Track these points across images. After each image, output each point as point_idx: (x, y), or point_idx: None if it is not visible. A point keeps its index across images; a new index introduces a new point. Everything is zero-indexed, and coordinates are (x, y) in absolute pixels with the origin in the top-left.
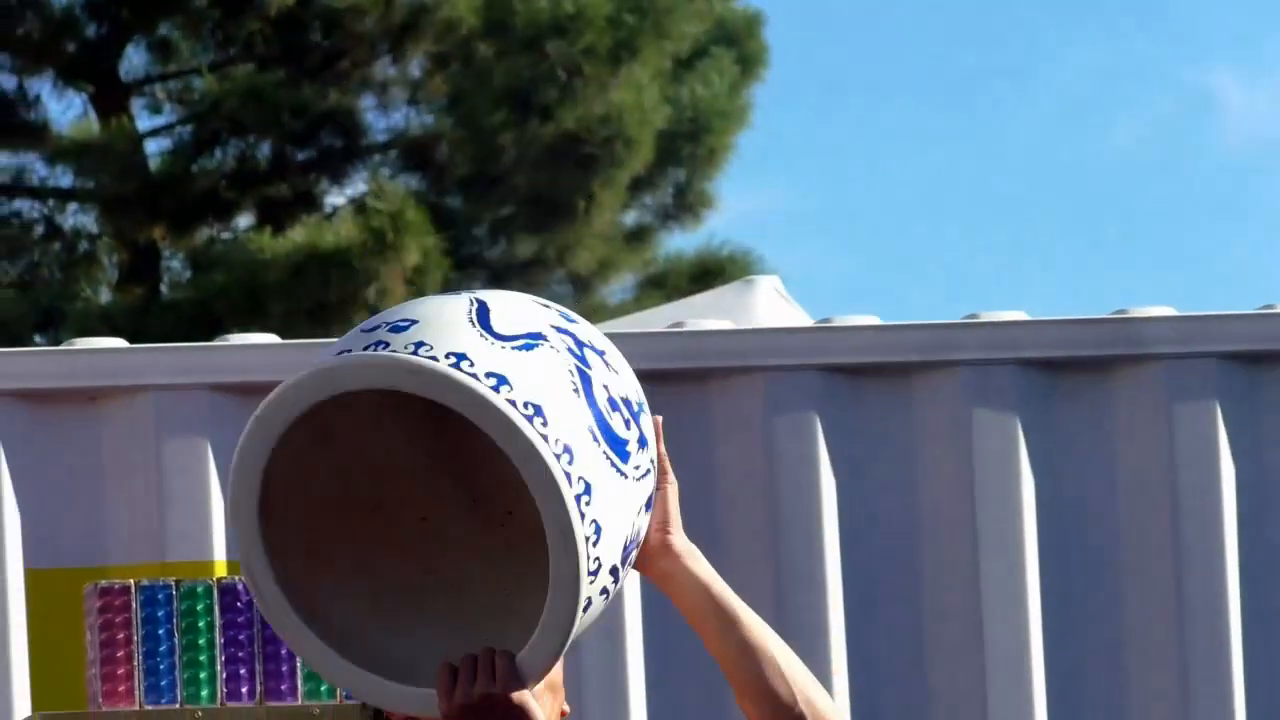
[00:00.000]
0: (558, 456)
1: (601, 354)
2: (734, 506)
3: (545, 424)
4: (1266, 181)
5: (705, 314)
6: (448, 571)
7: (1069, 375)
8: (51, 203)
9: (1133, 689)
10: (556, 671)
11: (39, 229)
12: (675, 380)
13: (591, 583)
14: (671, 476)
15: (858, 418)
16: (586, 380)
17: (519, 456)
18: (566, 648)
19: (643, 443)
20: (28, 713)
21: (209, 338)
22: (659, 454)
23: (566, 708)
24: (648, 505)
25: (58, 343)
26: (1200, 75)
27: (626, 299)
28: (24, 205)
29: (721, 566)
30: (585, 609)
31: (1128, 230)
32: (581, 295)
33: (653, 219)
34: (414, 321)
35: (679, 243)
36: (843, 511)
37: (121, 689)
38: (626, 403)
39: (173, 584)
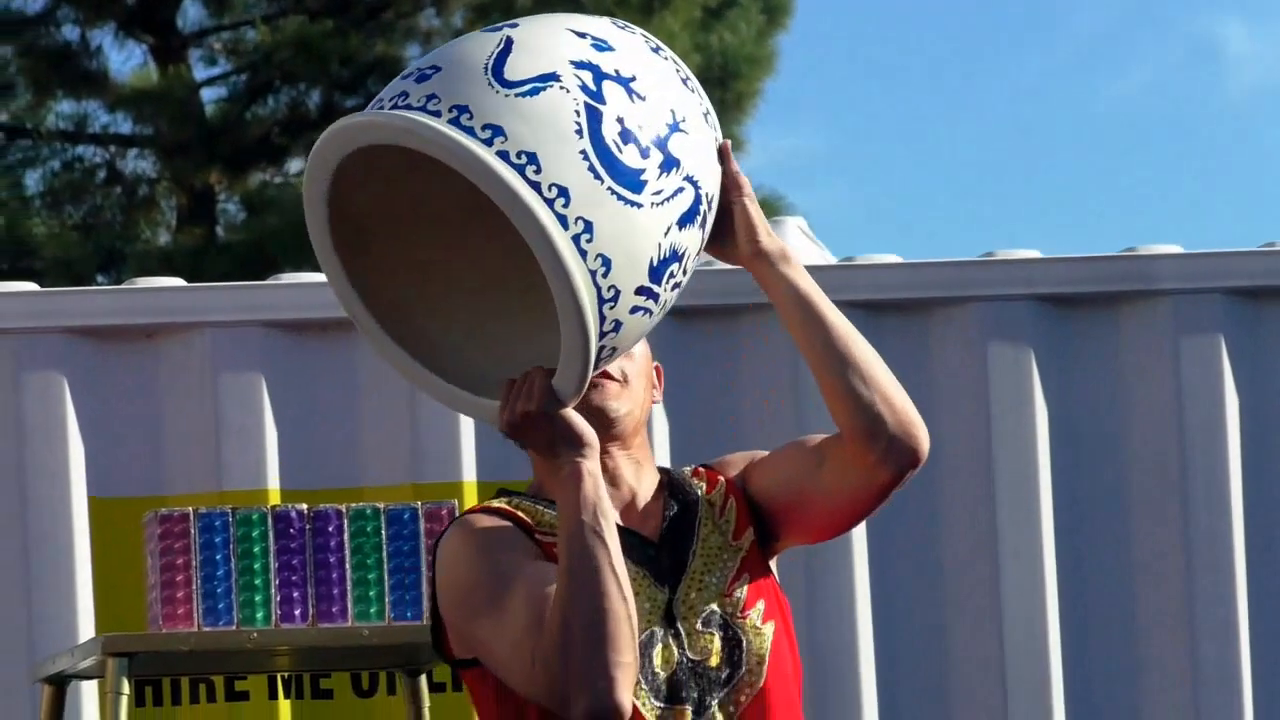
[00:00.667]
0: (550, 201)
1: (628, 82)
2: (760, 430)
3: (539, 170)
4: (1270, 126)
5: None
6: (510, 288)
7: (1081, 310)
8: (113, 149)
9: (1139, 607)
10: (645, 360)
11: (101, 174)
12: (707, 316)
13: (611, 308)
14: (748, 189)
15: (879, 351)
16: (595, 117)
17: (505, 205)
18: (593, 367)
19: (668, 165)
20: (92, 634)
21: (262, 277)
22: (730, 171)
23: (657, 396)
24: (689, 219)
25: (119, 282)
26: (1207, 25)
27: None
28: (86, 151)
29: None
30: (614, 330)
31: (1137, 172)
32: None
33: None
34: (437, 69)
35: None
36: None
37: (180, 611)
38: (649, 129)
39: (229, 511)
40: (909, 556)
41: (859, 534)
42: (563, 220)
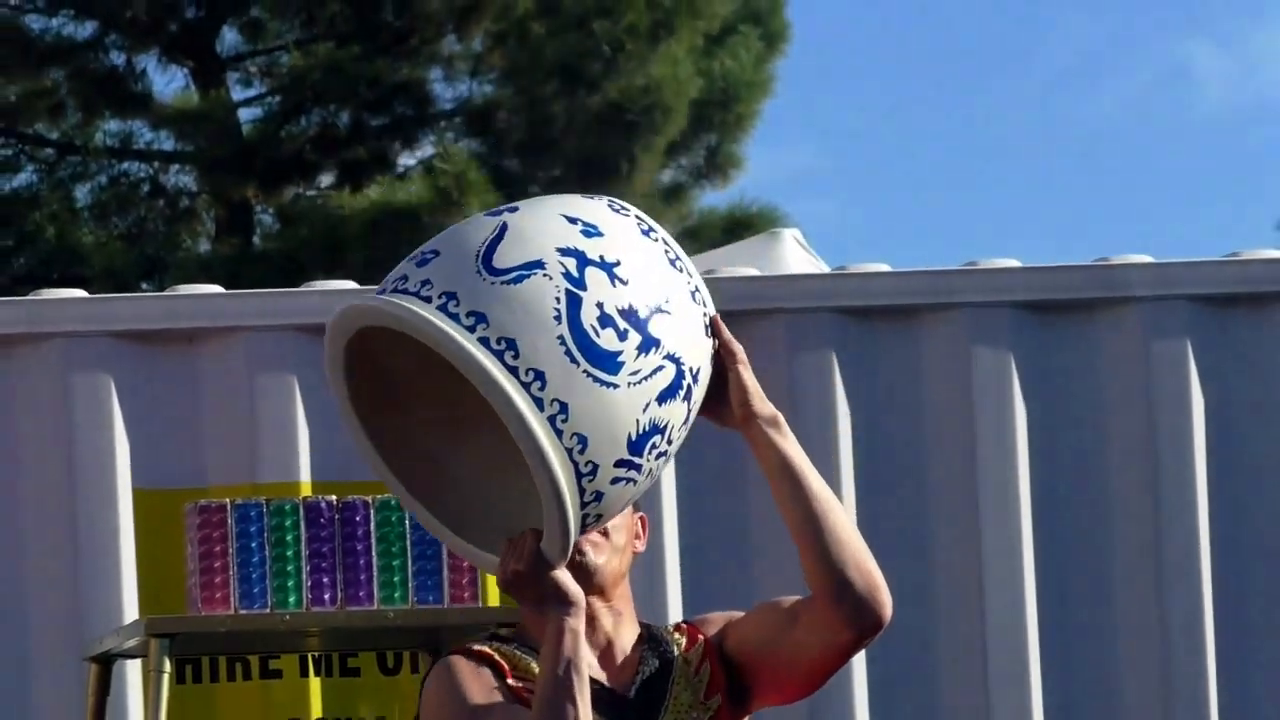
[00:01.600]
0: (527, 385)
1: (611, 267)
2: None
3: (516, 355)
4: (1234, 142)
5: (735, 262)
6: (512, 452)
7: (1057, 315)
8: (156, 164)
9: (1113, 591)
10: (627, 513)
11: (145, 188)
12: None
13: (591, 480)
14: (741, 356)
15: (869, 355)
16: (575, 303)
17: (483, 388)
18: (574, 534)
19: (648, 346)
20: (135, 616)
21: (295, 284)
22: (723, 340)
23: (640, 546)
24: (670, 395)
25: (162, 289)
26: (1177, 47)
27: None
28: (132, 166)
29: (745, 481)
30: (595, 500)
31: (1110, 185)
32: None
33: (687, 178)
34: (436, 254)
35: (711, 199)
36: (856, 438)
37: (218, 595)
38: (628, 313)
39: (264, 503)
40: (899, 537)
41: (850, 517)
42: (539, 402)
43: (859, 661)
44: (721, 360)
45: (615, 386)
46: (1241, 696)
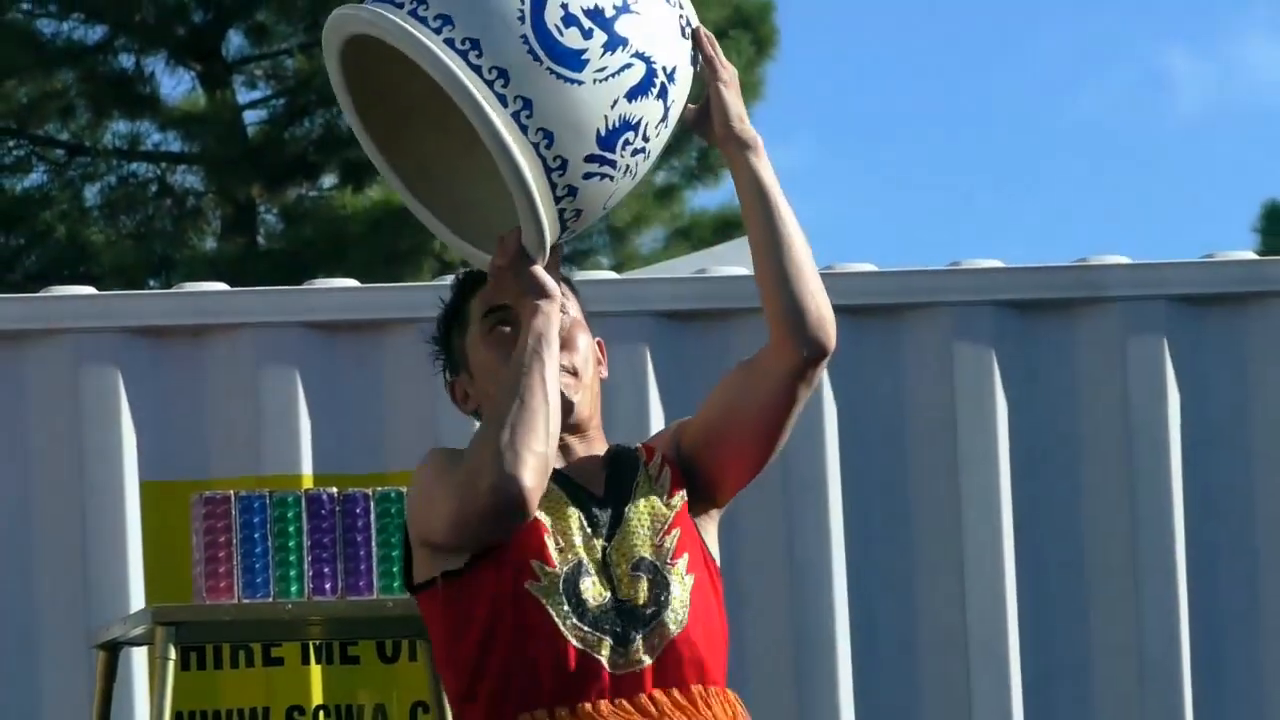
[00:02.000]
0: (490, 82)
1: None
2: None
3: (480, 55)
4: (1211, 145)
5: (724, 262)
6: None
7: (1038, 314)
8: (163, 165)
9: (1089, 584)
10: (589, 347)
11: (153, 188)
12: (699, 318)
13: (561, 175)
14: (724, 75)
15: (857, 352)
16: (539, 4)
17: (445, 84)
18: (549, 225)
19: (613, 44)
20: (142, 605)
21: (299, 282)
22: (705, 55)
23: (603, 373)
24: (641, 91)
25: (169, 286)
26: (1156, 53)
27: (657, 248)
28: (140, 167)
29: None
30: (569, 194)
31: (1090, 186)
32: (619, 245)
33: (680, 179)
34: None
35: (703, 200)
36: (843, 431)
37: (223, 585)
38: (594, 12)
39: (267, 494)
40: (884, 524)
41: (836, 522)
42: (502, 98)
43: (844, 656)
44: (707, 76)
45: (579, 83)
46: (1214, 683)
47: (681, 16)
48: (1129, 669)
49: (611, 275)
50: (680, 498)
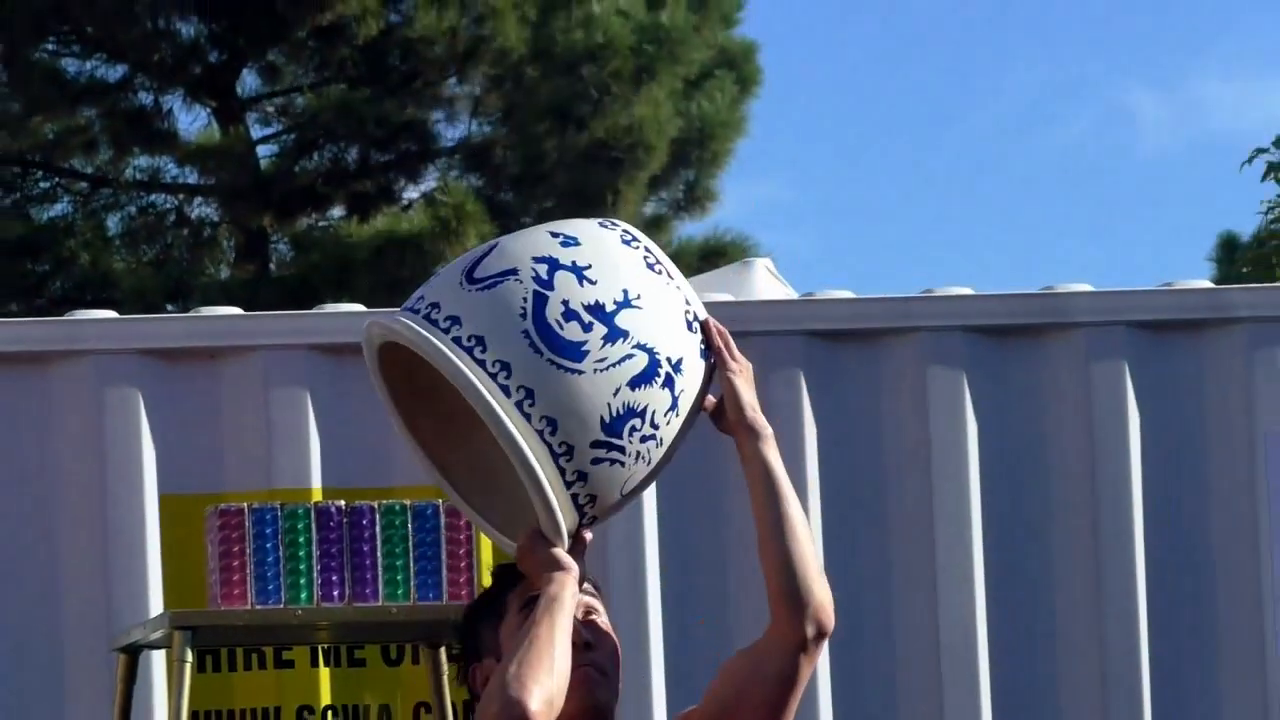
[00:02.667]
0: (494, 374)
1: (581, 270)
2: (730, 445)
3: (484, 350)
4: (1170, 179)
5: (710, 289)
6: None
7: (1006, 339)
8: (181, 196)
9: (1057, 594)
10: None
11: (171, 218)
12: None
13: (568, 460)
14: (735, 366)
15: (835, 375)
16: (541, 301)
17: (452, 377)
18: (558, 513)
19: (613, 336)
20: (160, 610)
21: (308, 307)
22: (717, 348)
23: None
24: (644, 380)
25: (186, 310)
26: (1120, 92)
27: None
28: (159, 198)
29: (732, 491)
30: (580, 479)
31: (1056, 219)
32: None
33: (667, 210)
34: (437, 275)
35: (689, 230)
36: (822, 450)
37: (236, 592)
38: (594, 307)
39: (278, 507)
40: (863, 539)
41: (816, 533)
42: (505, 389)
43: (824, 658)
44: (717, 366)
45: (580, 372)
46: (1174, 687)
47: (688, 310)
48: (1088, 669)
49: None
50: None
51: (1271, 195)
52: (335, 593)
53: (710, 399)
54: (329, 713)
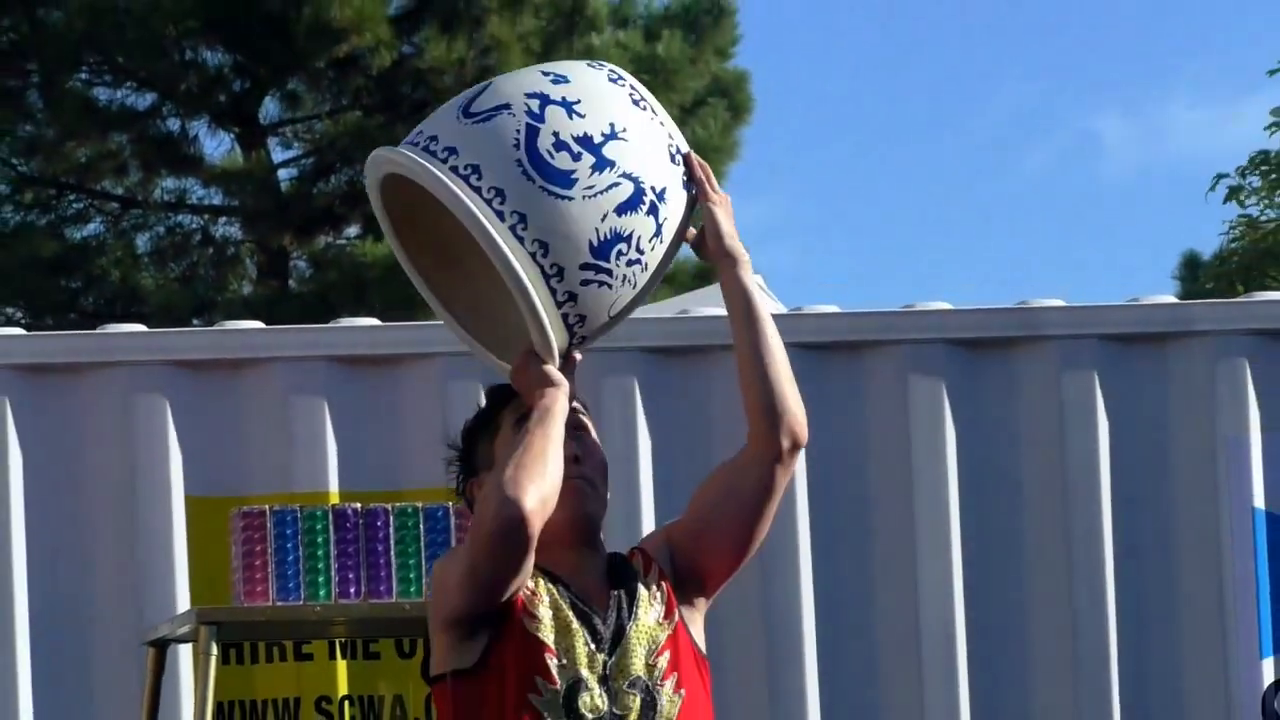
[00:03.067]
0: (489, 200)
1: (571, 104)
2: (728, 447)
3: (480, 178)
4: (1137, 201)
5: (705, 303)
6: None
7: (983, 351)
8: (206, 217)
9: (1026, 583)
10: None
11: (196, 237)
12: (681, 355)
13: (559, 281)
14: (715, 198)
15: (822, 385)
16: (533, 133)
17: (449, 203)
18: (550, 330)
19: (601, 165)
20: (187, 607)
21: (325, 321)
22: (699, 179)
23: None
24: (630, 207)
25: (210, 325)
26: (1090, 118)
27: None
28: (185, 218)
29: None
30: (570, 299)
31: (1030, 237)
32: None
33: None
34: (435, 112)
35: (684, 252)
36: (809, 455)
37: (259, 589)
38: (583, 139)
39: (298, 509)
40: (848, 540)
41: (804, 539)
42: (500, 214)
43: (810, 646)
44: (699, 196)
45: (569, 199)
46: (1138, 676)
47: (671, 144)
48: (1059, 664)
49: None
50: (674, 618)
51: (1233, 216)
52: (352, 590)
53: (692, 230)
54: (346, 703)
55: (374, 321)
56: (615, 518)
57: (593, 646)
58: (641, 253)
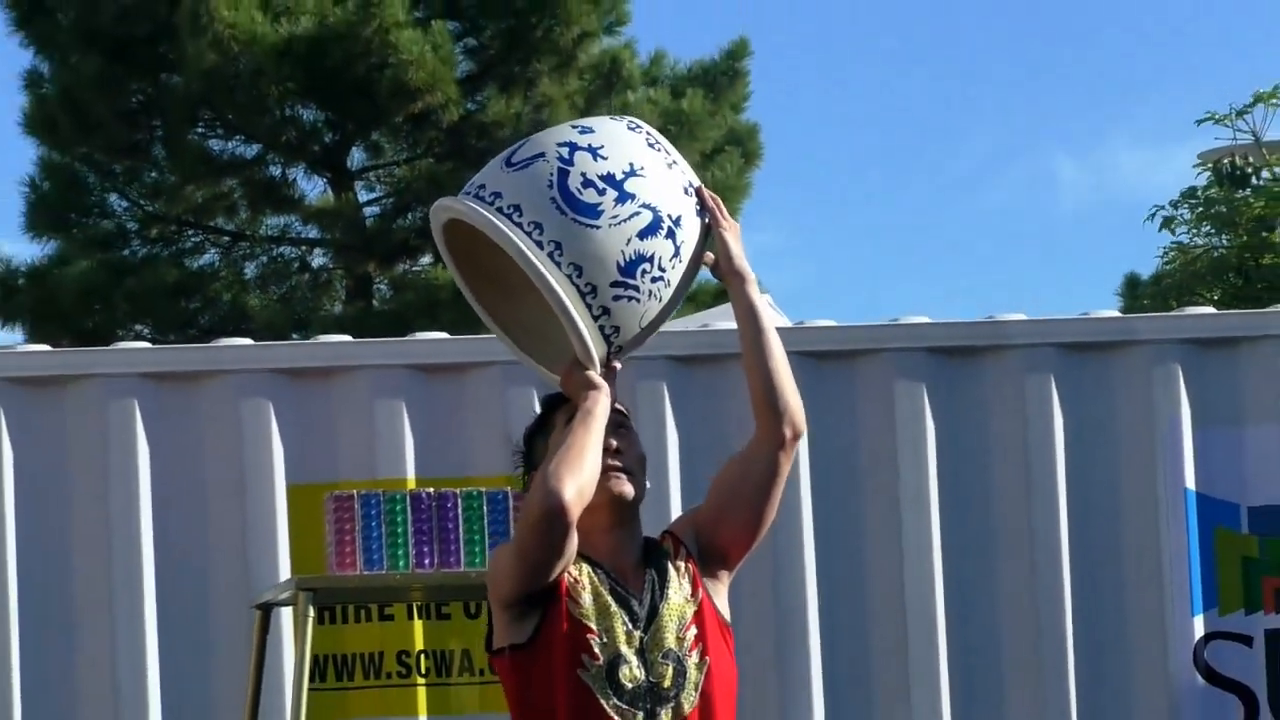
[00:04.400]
0: (529, 233)
1: (596, 149)
2: (743, 440)
3: (521, 214)
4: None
5: (722, 319)
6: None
7: (957, 358)
8: (303, 248)
9: (997, 581)
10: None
11: (295, 265)
12: (704, 363)
13: (594, 298)
14: (725, 224)
15: (820, 388)
16: (564, 175)
17: (497, 238)
18: (588, 340)
19: (623, 198)
20: (288, 576)
21: (404, 335)
22: (711, 209)
23: (648, 483)
24: (650, 232)
25: (307, 339)
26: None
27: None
28: (286, 250)
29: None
30: (604, 314)
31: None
32: None
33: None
34: (485, 167)
35: (704, 274)
36: (811, 451)
37: (348, 561)
38: (607, 177)
39: (381, 493)
40: (837, 505)
41: (807, 513)
42: (539, 244)
43: (813, 615)
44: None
45: (597, 227)
46: (1089, 625)
47: (684, 179)
48: (1024, 633)
49: None
50: (699, 594)
51: (1167, 243)
52: (426, 561)
53: (709, 255)
54: (421, 656)
55: (444, 335)
56: (646, 500)
57: (630, 625)
58: (664, 271)
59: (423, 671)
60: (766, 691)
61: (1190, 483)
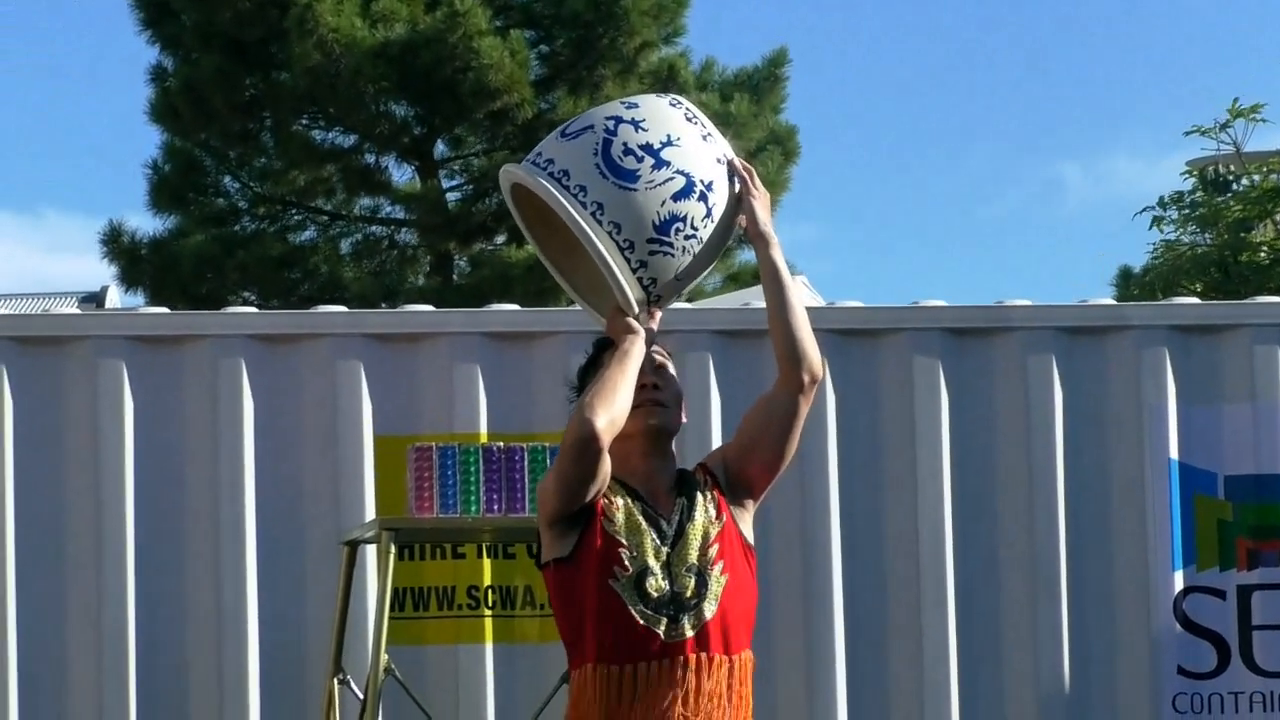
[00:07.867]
0: (575, 195)
1: (637, 123)
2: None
3: (568, 178)
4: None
5: (760, 299)
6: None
7: (969, 338)
8: (392, 228)
9: (1000, 535)
10: (682, 398)
11: (385, 242)
12: (744, 336)
13: (631, 253)
14: (755, 193)
15: (846, 363)
16: (607, 144)
17: (546, 198)
18: (628, 290)
19: (659, 165)
20: (373, 517)
21: (480, 306)
22: (742, 178)
23: (684, 418)
24: (684, 195)
25: (395, 308)
26: (1053, 166)
27: (717, 287)
28: (377, 229)
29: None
30: (642, 266)
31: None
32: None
33: (734, 244)
34: (547, 137)
35: (747, 256)
36: (838, 418)
37: (426, 505)
38: (646, 146)
39: (456, 446)
40: (861, 471)
41: (833, 466)
42: (584, 204)
43: (836, 564)
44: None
45: (635, 190)
46: (1080, 580)
47: (718, 150)
48: (1020, 590)
49: (686, 305)
50: (723, 518)
51: (1156, 240)
52: (495, 507)
53: (741, 219)
54: (489, 591)
55: (516, 307)
56: (691, 454)
57: (658, 542)
58: (695, 230)
59: (490, 604)
60: (793, 611)
61: (1174, 453)
